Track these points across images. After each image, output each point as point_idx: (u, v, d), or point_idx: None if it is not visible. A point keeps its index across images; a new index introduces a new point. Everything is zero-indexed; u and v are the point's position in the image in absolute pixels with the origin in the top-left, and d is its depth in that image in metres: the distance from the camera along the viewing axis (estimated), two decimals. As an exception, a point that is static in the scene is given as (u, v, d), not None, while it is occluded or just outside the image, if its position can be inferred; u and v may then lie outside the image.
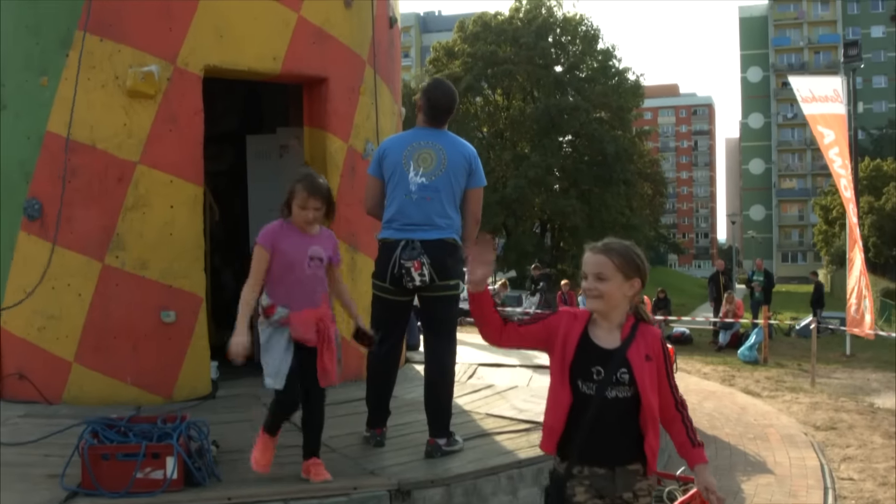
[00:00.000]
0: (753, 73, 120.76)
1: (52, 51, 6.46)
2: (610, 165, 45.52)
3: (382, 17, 7.72)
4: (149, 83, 6.33)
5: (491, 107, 49.90)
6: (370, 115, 7.38)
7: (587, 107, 45.85)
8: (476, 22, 49.44)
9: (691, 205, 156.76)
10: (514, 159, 45.30)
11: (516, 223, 46.85)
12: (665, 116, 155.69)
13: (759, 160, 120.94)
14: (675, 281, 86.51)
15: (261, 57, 6.72)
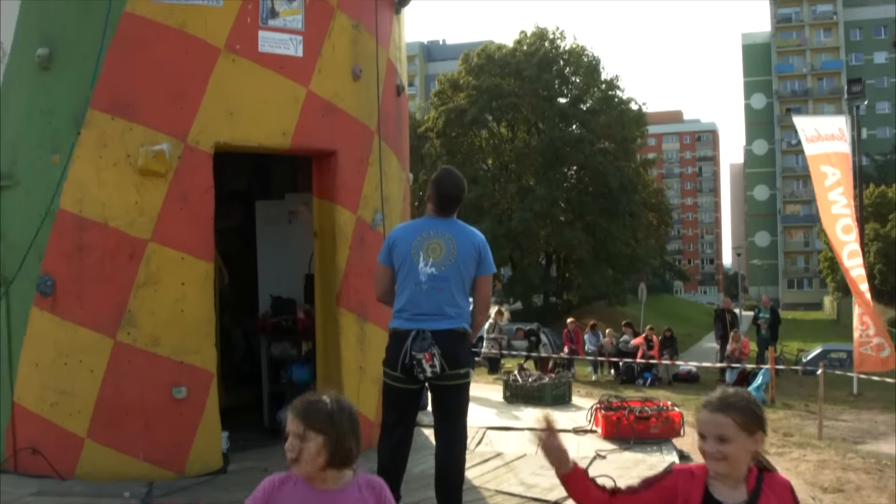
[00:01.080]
0: (757, 99, 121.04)
1: (65, 129, 6.54)
2: (615, 197, 45.66)
3: (390, 87, 7.81)
4: (160, 162, 6.41)
5: (496, 139, 50.13)
6: (378, 185, 7.46)
7: (591, 138, 46.06)
8: (480, 55, 49.74)
9: (696, 231, 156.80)
10: (519, 192, 45.44)
11: (522, 255, 46.97)
12: (669, 143, 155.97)
13: (763, 186, 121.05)
14: (681, 309, 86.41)
15: (271, 133, 6.80)
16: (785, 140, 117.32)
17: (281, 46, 6.82)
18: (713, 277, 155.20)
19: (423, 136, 48.76)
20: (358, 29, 7.33)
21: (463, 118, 46.68)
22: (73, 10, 6.60)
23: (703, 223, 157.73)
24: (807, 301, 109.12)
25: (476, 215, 45.20)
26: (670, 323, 67.86)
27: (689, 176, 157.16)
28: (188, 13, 6.56)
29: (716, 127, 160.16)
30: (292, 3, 6.89)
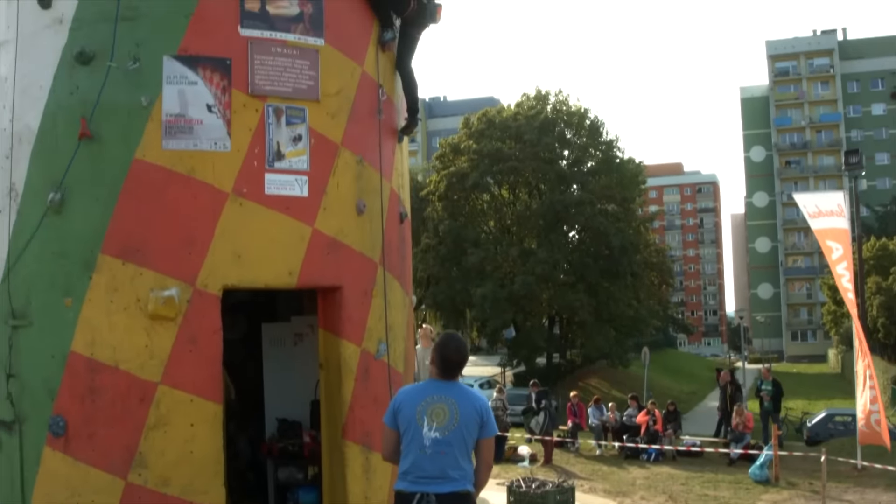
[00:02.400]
0: (756, 152, 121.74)
1: (76, 273, 6.72)
2: (616, 258, 45.88)
3: (393, 216, 8.00)
4: (169, 307, 6.58)
5: (497, 202, 50.47)
6: (382, 315, 7.62)
7: (591, 199, 46.37)
8: (481, 119, 50.22)
9: (699, 282, 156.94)
10: (521, 255, 45.66)
11: (525, 318, 47.06)
12: (670, 195, 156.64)
13: (765, 238, 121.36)
14: (684, 364, 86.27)
15: (277, 274, 6.99)
16: (785, 192, 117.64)
17: (287, 188, 7.03)
18: (717, 329, 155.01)
19: (425, 199, 49.11)
20: (362, 164, 7.54)
21: (464, 182, 47.04)
22: (85, 155, 6.79)
23: (705, 274, 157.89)
24: (811, 353, 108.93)
25: (478, 279, 45.41)
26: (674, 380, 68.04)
27: (690, 228, 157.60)
28: (196, 159, 6.77)
29: (716, 178, 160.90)
30: (297, 145, 7.11)
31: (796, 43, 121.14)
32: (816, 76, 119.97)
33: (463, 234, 46.60)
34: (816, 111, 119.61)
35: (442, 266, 46.76)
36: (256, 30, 7.04)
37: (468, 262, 45.42)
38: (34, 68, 7.12)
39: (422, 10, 7.93)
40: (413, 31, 8.10)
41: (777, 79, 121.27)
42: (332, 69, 7.36)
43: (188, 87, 6.81)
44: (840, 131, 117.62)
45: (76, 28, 6.98)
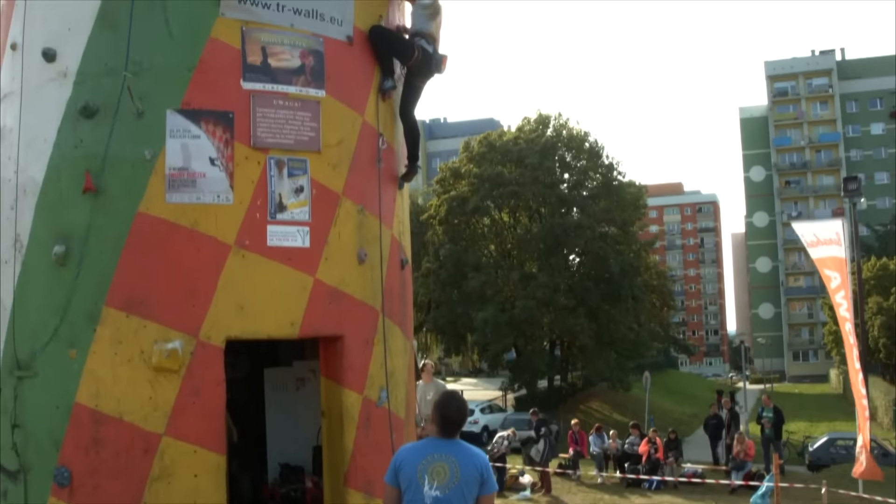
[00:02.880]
0: (756, 172, 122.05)
1: (81, 325, 6.79)
2: (616, 282, 45.99)
3: (394, 263, 8.07)
4: (173, 359, 6.65)
5: (498, 226, 50.59)
6: (383, 363, 7.69)
7: (591, 223, 46.49)
8: (481, 143, 50.39)
9: (700, 302, 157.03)
10: (521, 279, 45.76)
11: (526, 342, 47.10)
12: (670, 215, 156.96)
13: (765, 258, 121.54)
14: (686, 386, 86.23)
15: (280, 324, 7.06)
16: (785, 212, 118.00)
17: (289, 239, 7.11)
18: (718, 348, 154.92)
19: (426, 223, 49.22)
20: (363, 213, 7.63)
21: (465, 206, 47.18)
22: (89, 208, 6.87)
23: (706, 294, 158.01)
24: (812, 373, 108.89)
25: (479, 303, 45.46)
26: (675, 402, 67.97)
27: (691, 247, 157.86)
28: (199, 212, 6.86)
29: (716, 198, 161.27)
30: (299, 196, 7.19)
31: (795, 63, 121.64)
32: (815, 96, 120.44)
33: (464, 258, 46.70)
34: (815, 131, 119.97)
35: (443, 290, 46.85)
36: (258, 83, 7.13)
37: (469, 287, 45.50)
38: (39, 121, 7.22)
39: (427, 60, 8.01)
40: (417, 81, 8.18)
41: (776, 99, 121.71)
42: (333, 120, 7.45)
43: (191, 141, 6.90)
44: (839, 151, 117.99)
45: (80, 82, 7.07)
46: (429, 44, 8.07)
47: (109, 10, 7.09)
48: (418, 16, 8.22)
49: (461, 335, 49.30)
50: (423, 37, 8.08)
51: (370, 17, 7.98)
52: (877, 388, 60.73)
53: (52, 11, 7.33)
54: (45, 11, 7.37)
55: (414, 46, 7.96)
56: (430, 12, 8.22)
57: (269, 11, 7.26)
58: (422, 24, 8.16)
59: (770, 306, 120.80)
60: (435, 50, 8.12)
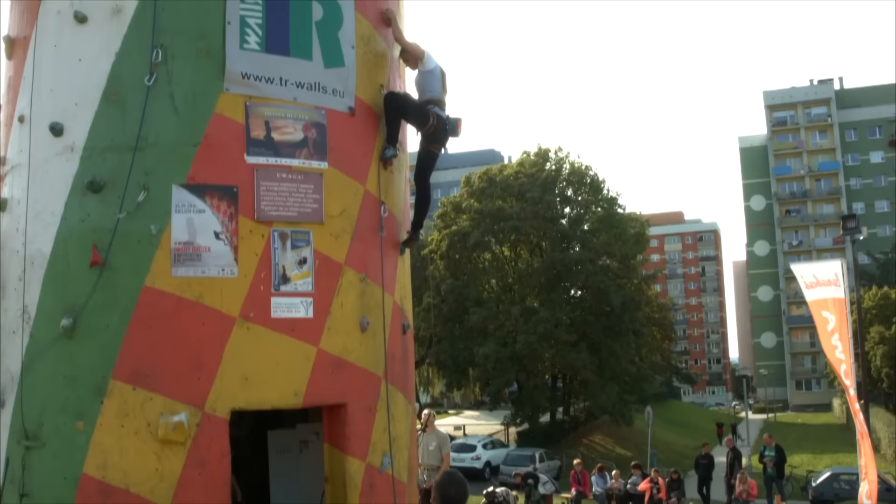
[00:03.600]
0: (756, 201, 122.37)
1: (88, 397, 6.88)
2: (617, 315, 46.07)
3: (396, 329, 8.18)
4: (179, 432, 6.74)
5: (499, 260, 50.71)
6: (386, 428, 7.79)
7: (592, 257, 46.61)
8: (482, 177, 50.60)
9: (702, 330, 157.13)
10: (522, 313, 45.84)
11: (527, 377, 47.12)
12: (671, 243, 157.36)
13: (767, 287, 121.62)
14: (688, 417, 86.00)
15: (283, 395, 7.16)
16: (786, 241, 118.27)
17: (292, 310, 7.22)
18: (720, 377, 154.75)
19: (427, 258, 49.32)
20: (365, 281, 7.74)
21: (466, 241, 47.35)
22: (96, 282, 6.98)
23: (708, 323, 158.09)
24: (815, 402, 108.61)
25: (481, 338, 45.53)
26: (678, 433, 67.81)
27: (692, 276, 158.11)
28: (205, 286, 6.97)
29: (717, 227, 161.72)
30: (303, 267, 7.31)
31: (793, 93, 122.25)
32: (814, 125, 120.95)
33: (465, 293, 46.82)
34: (815, 160, 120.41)
35: (444, 325, 46.94)
36: (262, 157, 7.26)
37: (470, 321, 45.60)
38: (46, 194, 7.34)
39: (442, 126, 8.12)
40: (433, 147, 8.26)
41: (775, 128, 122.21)
42: (335, 191, 7.58)
43: (196, 216, 7.03)
44: (839, 179, 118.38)
45: (87, 157, 7.20)
46: (442, 110, 8.19)
47: (116, 86, 7.23)
48: (428, 82, 8.33)
49: (462, 370, 49.33)
50: (435, 103, 8.19)
51: (371, 88, 8.13)
52: (879, 419, 60.58)
53: (60, 85, 7.47)
54: (53, 85, 7.51)
55: (428, 113, 8.08)
56: (437, 76, 8.35)
57: (273, 86, 7.41)
58: (433, 90, 8.28)
59: (772, 335, 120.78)
60: (449, 115, 8.24)
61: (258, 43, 7.41)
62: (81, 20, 7.42)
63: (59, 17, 7.58)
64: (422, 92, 8.38)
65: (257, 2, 7.46)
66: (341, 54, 7.83)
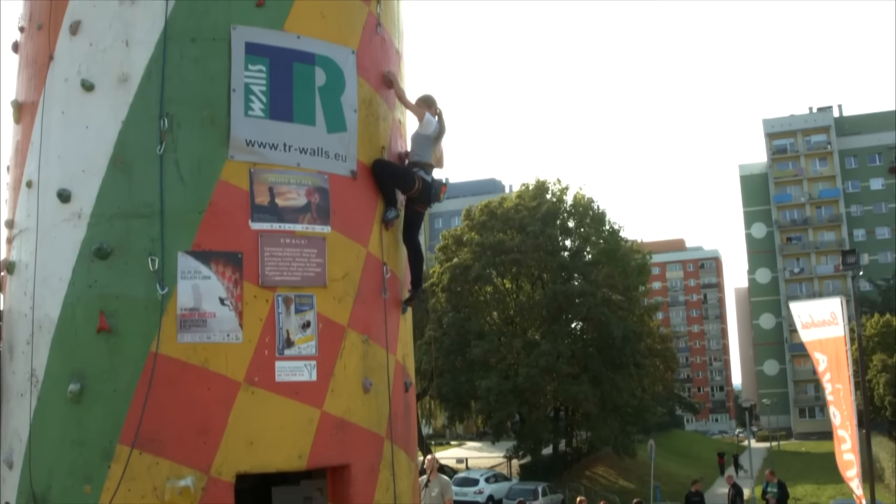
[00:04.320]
0: (757, 229, 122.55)
1: (95, 461, 6.98)
2: (619, 348, 46.08)
3: (399, 388, 8.29)
4: (185, 496, 6.84)
5: (500, 293, 50.75)
6: (390, 487, 7.88)
7: (593, 290, 46.67)
8: (483, 210, 50.75)
9: (704, 358, 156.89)
10: (524, 346, 45.87)
11: (530, 410, 47.08)
12: (673, 271, 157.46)
13: (769, 315, 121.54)
14: (692, 447, 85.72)
15: (288, 457, 7.26)
16: (787, 269, 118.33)
17: (296, 374, 7.33)
18: (724, 405, 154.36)
19: (429, 291, 49.38)
20: (368, 343, 7.86)
21: (467, 274, 47.44)
22: (103, 348, 7.10)
23: (710, 350, 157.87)
24: (819, 430, 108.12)
25: (483, 371, 45.56)
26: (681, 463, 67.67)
27: (694, 303, 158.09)
28: (210, 351, 7.09)
29: (718, 254, 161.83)
30: (306, 331, 7.43)
31: (793, 121, 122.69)
32: (814, 153, 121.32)
33: (467, 326, 46.86)
34: (815, 187, 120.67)
35: (446, 358, 46.97)
36: (266, 223, 7.40)
37: (472, 354, 45.63)
38: (54, 259, 7.47)
39: (426, 190, 8.32)
40: (418, 207, 8.50)
41: (775, 156, 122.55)
42: (338, 254, 7.71)
43: (202, 282, 7.15)
44: (840, 206, 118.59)
45: (94, 223, 7.34)
46: (427, 174, 8.39)
47: (122, 154, 7.38)
48: (419, 145, 8.54)
49: (465, 403, 49.31)
50: (422, 167, 8.40)
51: (373, 150, 8.28)
52: (882, 448, 60.43)
53: (68, 152, 7.62)
54: (61, 151, 7.66)
55: (414, 177, 8.27)
56: (432, 139, 8.54)
57: (277, 152, 7.56)
58: (421, 154, 8.48)
59: (775, 363, 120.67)
60: (433, 179, 8.44)
61: (262, 110, 7.56)
62: (89, 88, 7.58)
63: (66, 85, 7.74)
64: (412, 151, 8.59)
65: (261, 69, 7.62)
66: (343, 119, 7.98)
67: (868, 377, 69.69)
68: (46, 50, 7.99)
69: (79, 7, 7.85)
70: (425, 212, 8.70)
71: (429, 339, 46.67)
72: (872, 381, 72.56)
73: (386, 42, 8.78)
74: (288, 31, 7.81)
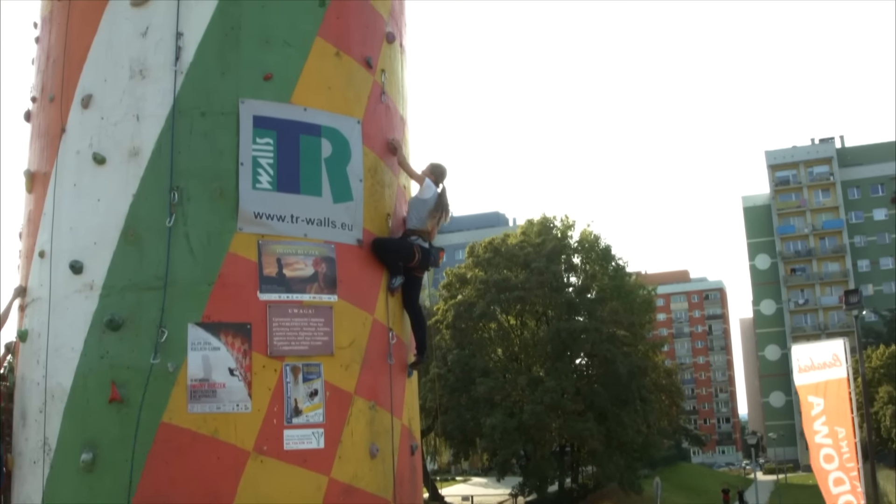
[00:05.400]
0: (761, 260, 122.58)
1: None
2: (624, 384, 45.97)
3: (405, 451, 8.40)
4: (196, 567, 6.96)
5: (504, 330, 50.75)
6: (397, 554, 7.98)
7: (598, 326, 46.66)
8: (487, 248, 50.83)
9: (710, 389, 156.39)
10: (529, 383, 45.79)
11: (535, 448, 46.96)
12: (677, 302, 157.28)
13: (774, 346, 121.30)
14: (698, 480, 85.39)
15: (298, 527, 7.37)
16: (792, 300, 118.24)
17: (304, 442, 7.45)
18: (730, 436, 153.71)
19: (433, 327, 49.37)
20: (374, 409, 7.98)
21: (472, 311, 47.42)
22: (115, 418, 7.23)
23: (716, 381, 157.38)
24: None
25: (488, 408, 45.47)
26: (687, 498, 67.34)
27: (699, 335, 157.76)
28: (220, 421, 7.22)
29: (723, 285, 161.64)
30: (314, 399, 7.56)
31: (795, 152, 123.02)
32: (817, 184, 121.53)
33: (471, 363, 46.81)
34: (819, 218, 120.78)
35: (451, 395, 46.90)
36: (274, 293, 7.55)
37: (477, 392, 45.55)
38: (66, 329, 7.63)
39: (425, 258, 8.48)
40: (417, 273, 8.65)
41: (778, 188, 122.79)
42: (344, 322, 7.85)
43: (211, 353, 7.30)
44: (843, 237, 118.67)
45: (106, 295, 7.50)
46: (425, 240, 8.55)
47: (133, 226, 7.55)
48: (416, 210, 8.70)
49: (470, 440, 49.18)
50: (419, 235, 8.56)
51: (378, 218, 8.44)
52: (889, 481, 60.17)
53: (79, 224, 7.79)
54: (73, 223, 7.83)
55: (412, 248, 8.42)
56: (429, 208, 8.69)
57: (284, 223, 7.72)
58: (418, 221, 8.64)
59: (781, 394, 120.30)
60: (431, 246, 8.60)
61: (270, 182, 7.73)
62: (100, 161, 7.76)
63: (78, 157, 7.93)
64: (409, 218, 8.75)
65: (269, 142, 7.80)
66: (349, 188, 8.15)
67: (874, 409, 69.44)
68: (58, 122, 8.19)
69: (90, 81, 8.05)
70: (423, 276, 8.84)
71: (433, 377, 46.65)
72: (879, 412, 72.29)
73: (390, 109, 8.96)
74: (295, 104, 8.00)
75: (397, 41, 9.31)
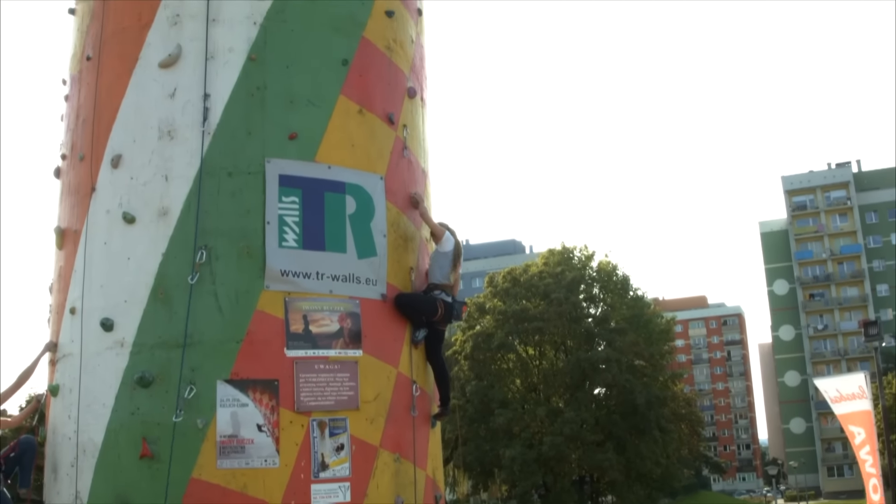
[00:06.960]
0: (779, 285, 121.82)
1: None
2: (642, 414, 45.81)
3: (429, 496, 8.51)
4: None
5: (523, 360, 50.68)
6: None
7: (618, 357, 46.58)
8: (505, 278, 50.89)
9: (730, 416, 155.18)
10: (548, 414, 45.74)
11: (554, 479, 46.80)
12: (696, 328, 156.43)
13: (794, 372, 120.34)
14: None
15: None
16: (811, 325, 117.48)
17: (331, 496, 7.58)
18: (751, 463, 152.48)
19: (451, 358, 49.39)
20: (399, 461, 8.11)
21: (490, 342, 47.45)
22: (146, 473, 7.37)
23: (735, 407, 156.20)
24: (849, 489, 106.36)
25: (507, 439, 45.41)
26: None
27: (718, 361, 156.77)
28: (248, 476, 7.36)
29: (741, 310, 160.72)
30: (340, 454, 7.69)
31: (812, 177, 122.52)
32: (834, 209, 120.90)
33: (490, 394, 46.78)
34: (836, 243, 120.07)
35: (470, 426, 46.84)
36: (301, 350, 7.70)
37: (496, 423, 45.50)
38: (97, 385, 7.79)
39: (448, 312, 8.60)
40: (440, 327, 8.78)
41: (795, 213, 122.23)
42: (369, 376, 7.99)
43: (240, 409, 7.45)
44: (862, 262, 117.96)
45: (136, 352, 7.67)
46: (448, 294, 8.67)
47: (163, 285, 7.72)
48: (440, 264, 8.82)
49: (488, 472, 49.03)
50: (442, 289, 8.67)
51: (402, 271, 8.60)
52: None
53: (110, 282, 7.97)
54: (103, 281, 8.01)
55: (436, 303, 8.55)
56: (451, 257, 8.82)
57: (310, 280, 7.88)
58: (442, 275, 8.76)
59: (801, 421, 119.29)
60: (454, 300, 8.71)
61: (296, 240, 7.90)
62: (130, 221, 7.94)
63: (108, 217, 8.11)
64: (431, 272, 8.87)
65: (294, 200, 7.97)
66: (373, 244, 8.31)
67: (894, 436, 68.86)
68: (89, 181, 8.38)
69: (119, 141, 8.25)
70: (445, 329, 8.99)
71: (452, 408, 46.59)
72: (894, 446, 71.59)
73: (412, 164, 9.13)
74: (319, 162, 8.18)
75: (418, 95, 9.49)
